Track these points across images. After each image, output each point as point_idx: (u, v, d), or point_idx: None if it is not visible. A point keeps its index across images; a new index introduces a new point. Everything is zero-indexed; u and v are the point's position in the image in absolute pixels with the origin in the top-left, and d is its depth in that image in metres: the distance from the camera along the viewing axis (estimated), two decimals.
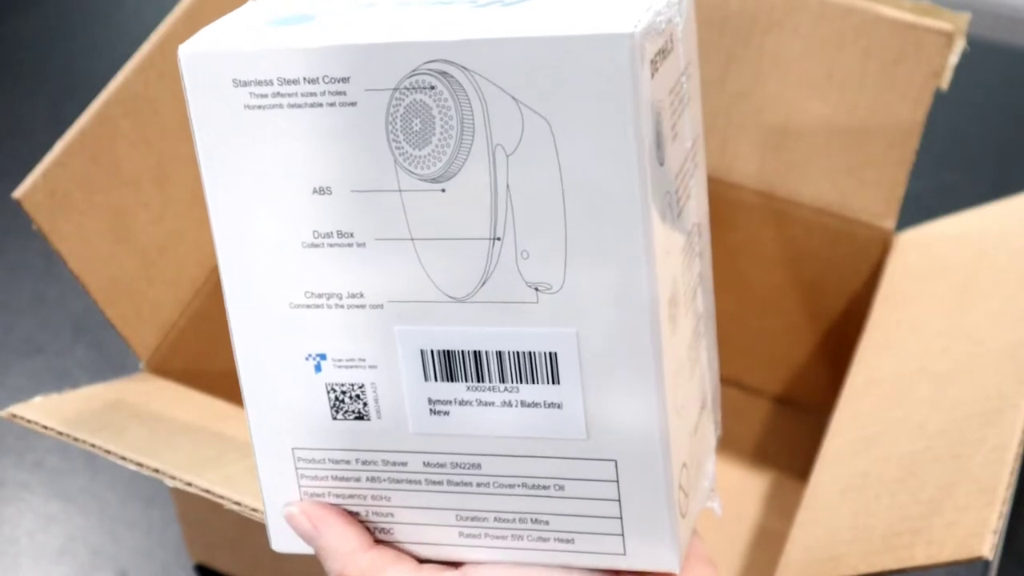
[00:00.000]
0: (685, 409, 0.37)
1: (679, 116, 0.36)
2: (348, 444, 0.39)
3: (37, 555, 0.66)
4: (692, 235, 0.38)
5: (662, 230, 0.34)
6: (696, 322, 0.39)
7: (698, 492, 0.39)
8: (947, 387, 0.52)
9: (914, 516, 0.46)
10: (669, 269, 0.35)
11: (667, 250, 0.35)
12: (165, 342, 0.58)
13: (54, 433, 0.48)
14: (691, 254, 0.38)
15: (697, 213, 0.39)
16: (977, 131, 0.88)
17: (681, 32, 0.36)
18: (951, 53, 0.59)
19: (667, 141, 0.35)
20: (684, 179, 0.37)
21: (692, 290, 0.38)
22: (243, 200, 0.37)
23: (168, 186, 0.58)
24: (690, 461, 0.38)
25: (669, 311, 0.35)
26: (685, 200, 0.37)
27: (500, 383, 0.36)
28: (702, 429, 0.40)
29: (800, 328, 0.69)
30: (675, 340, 0.36)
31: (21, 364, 0.74)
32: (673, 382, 0.36)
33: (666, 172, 0.35)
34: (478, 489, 0.38)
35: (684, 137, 0.37)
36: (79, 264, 0.54)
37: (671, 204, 0.35)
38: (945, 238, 0.62)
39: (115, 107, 0.55)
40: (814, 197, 0.63)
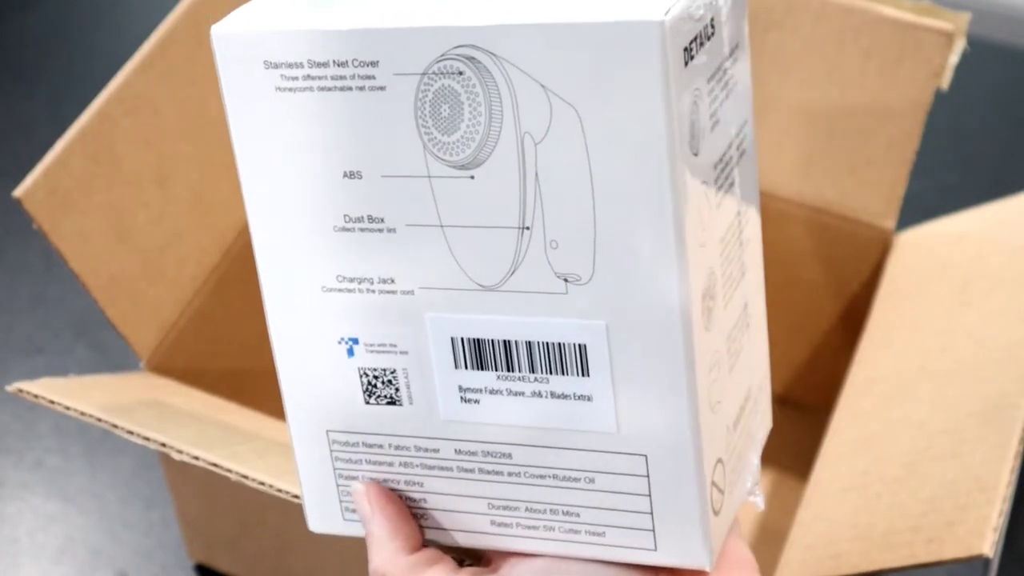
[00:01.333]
0: (722, 404, 0.37)
1: (720, 103, 0.35)
2: (381, 429, 0.39)
3: (37, 555, 0.66)
4: (734, 224, 0.37)
5: (696, 222, 0.34)
6: (740, 313, 0.38)
7: (738, 487, 0.39)
8: (947, 386, 0.52)
9: (914, 514, 0.46)
10: (705, 262, 0.35)
11: (702, 242, 0.34)
12: (165, 341, 0.58)
13: (60, 408, 0.48)
14: (733, 243, 0.37)
15: (741, 200, 0.38)
16: (977, 131, 0.88)
17: (726, 15, 0.35)
18: (951, 53, 0.59)
19: (704, 131, 0.34)
20: (726, 168, 0.36)
21: (733, 281, 0.37)
22: (276, 182, 0.37)
23: (168, 186, 0.58)
24: (728, 456, 0.37)
25: (704, 304, 0.35)
26: (727, 189, 0.36)
27: (530, 373, 0.36)
28: (745, 423, 0.39)
29: (800, 328, 0.69)
30: (710, 335, 0.35)
31: (21, 364, 0.74)
32: (707, 377, 0.35)
33: (702, 162, 0.34)
34: (509, 479, 0.38)
35: (727, 123, 0.36)
36: (79, 263, 0.54)
37: (708, 195, 0.35)
38: (945, 238, 0.62)
39: (115, 107, 0.55)
40: (814, 197, 0.63)
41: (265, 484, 0.45)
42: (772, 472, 0.70)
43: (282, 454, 0.50)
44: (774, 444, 0.71)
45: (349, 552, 0.55)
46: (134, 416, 0.49)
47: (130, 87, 0.56)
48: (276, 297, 0.38)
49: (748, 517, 0.68)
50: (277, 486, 0.45)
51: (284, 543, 0.58)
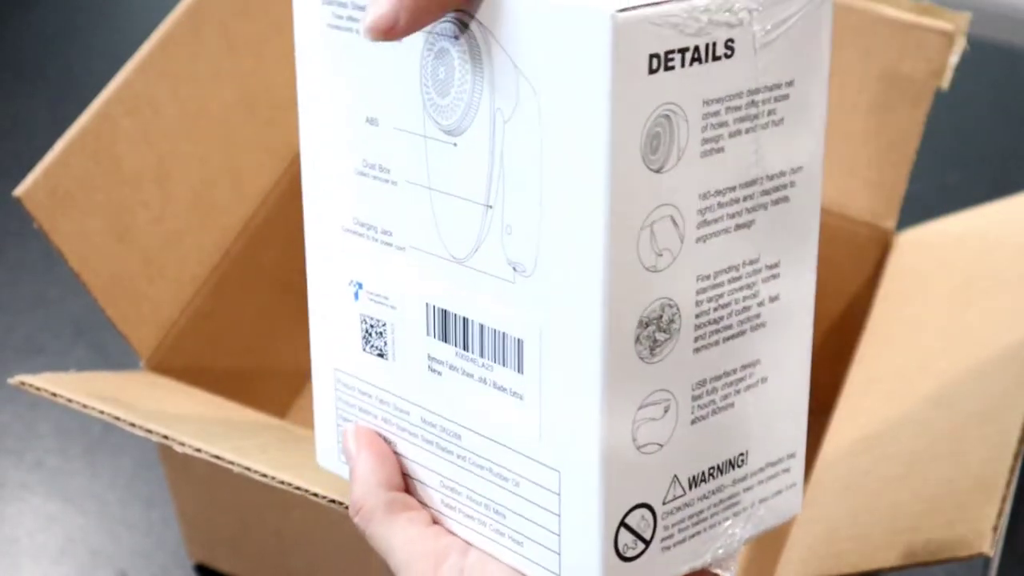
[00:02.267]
0: (666, 451, 0.34)
1: (737, 134, 0.33)
2: (371, 379, 0.39)
3: (37, 555, 0.66)
4: (742, 269, 0.34)
5: (646, 242, 0.32)
6: (737, 368, 0.35)
7: (686, 548, 0.35)
8: (947, 386, 0.52)
9: (915, 514, 0.46)
10: (655, 288, 0.33)
11: (653, 266, 0.33)
12: (165, 341, 0.58)
13: (63, 400, 0.48)
14: (736, 290, 0.34)
15: (766, 248, 0.35)
16: (977, 131, 0.88)
17: (757, 40, 0.33)
18: (951, 53, 0.59)
19: (681, 151, 0.32)
20: (733, 204, 0.34)
21: (727, 329, 0.34)
22: (319, 118, 0.37)
23: (168, 185, 0.58)
24: (664, 508, 0.35)
25: (642, 332, 0.33)
26: (733, 227, 0.34)
27: (480, 357, 0.35)
28: (724, 488, 0.36)
29: None
30: (651, 368, 0.33)
31: (21, 364, 0.74)
32: (631, 411, 0.33)
33: (672, 184, 0.32)
34: (458, 461, 0.37)
35: (744, 158, 0.33)
36: (79, 263, 0.54)
37: (679, 219, 0.33)
38: (945, 238, 0.62)
39: (116, 106, 0.55)
40: None
41: (268, 476, 0.45)
42: None
43: (283, 449, 0.50)
44: None
45: (349, 552, 0.55)
46: (136, 410, 0.49)
47: (130, 87, 0.56)
48: (311, 231, 0.39)
49: None
50: (280, 478, 0.45)
51: (284, 543, 0.58)
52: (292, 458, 0.48)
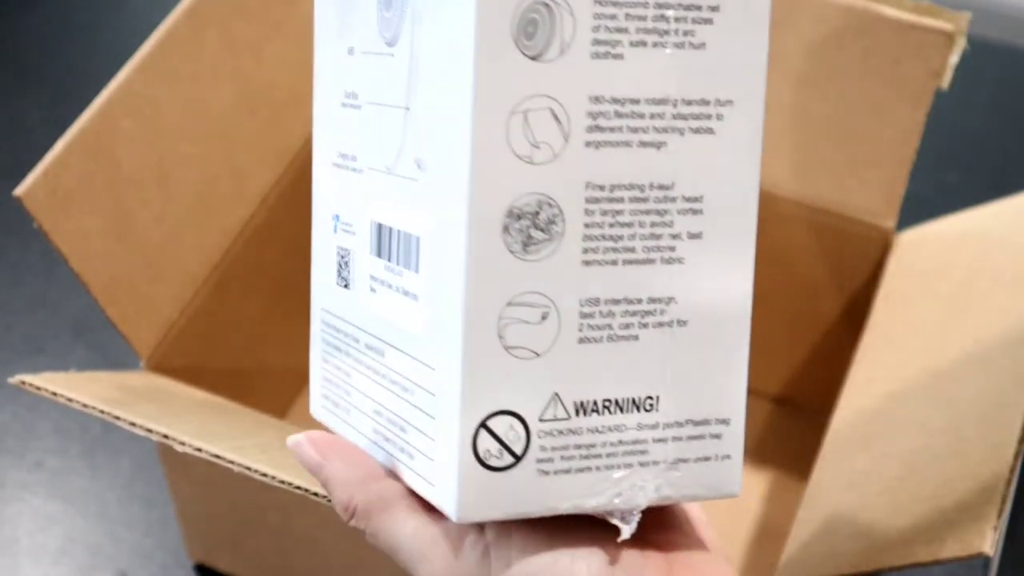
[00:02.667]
0: (545, 360, 0.33)
1: (634, 42, 0.33)
2: (340, 311, 0.38)
3: (37, 555, 0.66)
4: (643, 184, 0.34)
5: (518, 133, 0.32)
6: (645, 300, 0.34)
7: (575, 479, 0.34)
8: (947, 386, 0.52)
9: (915, 514, 0.46)
10: (528, 182, 0.32)
11: (528, 157, 0.32)
12: (165, 341, 0.58)
13: (63, 399, 0.48)
14: (638, 205, 0.34)
15: (683, 177, 0.34)
16: (977, 131, 0.88)
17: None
18: (951, 53, 0.59)
19: (560, 42, 0.32)
20: (632, 117, 0.33)
21: (620, 241, 0.34)
22: (319, 54, 0.38)
23: (169, 185, 0.58)
24: (539, 425, 0.33)
25: (513, 223, 0.32)
26: (623, 137, 0.33)
27: (396, 265, 0.35)
28: (626, 428, 0.34)
29: (800, 328, 0.69)
30: (526, 267, 0.33)
31: (21, 364, 0.74)
32: (505, 309, 0.33)
33: (544, 73, 0.32)
34: (381, 380, 0.36)
35: (647, 72, 0.33)
36: (80, 263, 0.54)
37: (559, 116, 0.32)
38: (945, 238, 0.62)
39: (116, 106, 0.55)
40: (814, 197, 0.63)
41: (268, 476, 0.45)
42: (771, 472, 0.70)
43: (284, 449, 0.50)
44: (774, 444, 0.71)
45: (349, 552, 0.55)
46: (136, 409, 0.49)
47: (130, 87, 0.56)
48: (315, 169, 0.40)
49: (748, 517, 0.68)
50: (280, 477, 0.45)
51: (284, 543, 0.58)
52: (292, 458, 0.48)
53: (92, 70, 0.87)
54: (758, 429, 0.72)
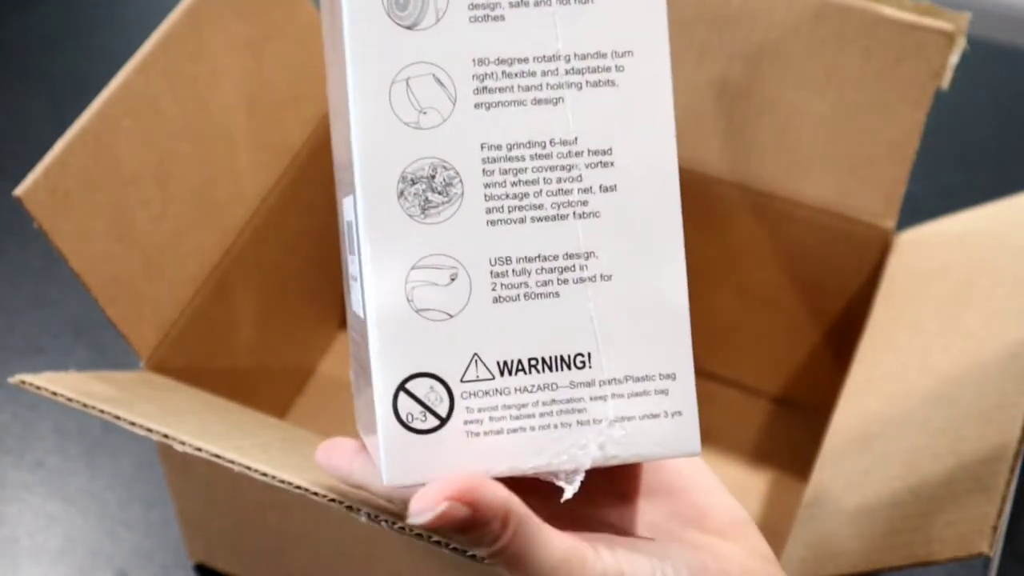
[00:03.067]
0: (459, 321, 0.33)
1: (514, 3, 0.33)
2: (350, 311, 0.39)
3: (37, 555, 0.66)
4: (543, 141, 0.34)
5: (402, 100, 0.33)
6: (561, 257, 0.34)
7: (507, 443, 0.34)
8: (947, 386, 0.52)
9: (915, 514, 0.46)
10: (415, 145, 0.33)
11: (415, 123, 0.33)
12: (165, 341, 0.58)
13: (63, 399, 0.48)
14: (541, 161, 0.34)
15: (586, 131, 0.34)
16: (977, 131, 0.88)
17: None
18: (951, 53, 0.59)
19: (435, 10, 0.33)
20: (522, 76, 0.34)
21: (526, 199, 0.34)
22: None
23: (169, 185, 0.58)
24: (461, 386, 0.33)
25: (409, 188, 0.33)
26: (514, 96, 0.33)
27: (352, 254, 0.36)
28: (572, 390, 0.34)
29: (800, 328, 0.69)
30: (427, 230, 0.33)
31: (21, 364, 0.74)
32: (410, 272, 0.33)
33: (422, 41, 0.33)
34: (357, 368, 0.38)
35: (532, 31, 0.33)
36: (79, 263, 0.54)
37: (443, 81, 0.33)
38: (945, 238, 0.62)
39: (116, 106, 0.55)
40: (814, 197, 0.63)
41: (268, 476, 0.45)
42: (771, 472, 0.70)
43: (284, 449, 0.50)
44: (774, 444, 0.71)
45: (349, 552, 0.55)
46: (136, 409, 0.49)
47: (130, 87, 0.56)
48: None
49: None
50: (280, 477, 0.45)
51: (284, 543, 0.58)
52: (292, 458, 0.48)
53: (92, 70, 0.87)
54: (758, 429, 0.72)
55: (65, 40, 0.94)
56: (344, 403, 0.73)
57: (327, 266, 0.73)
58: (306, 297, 0.72)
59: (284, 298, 0.69)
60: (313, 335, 0.74)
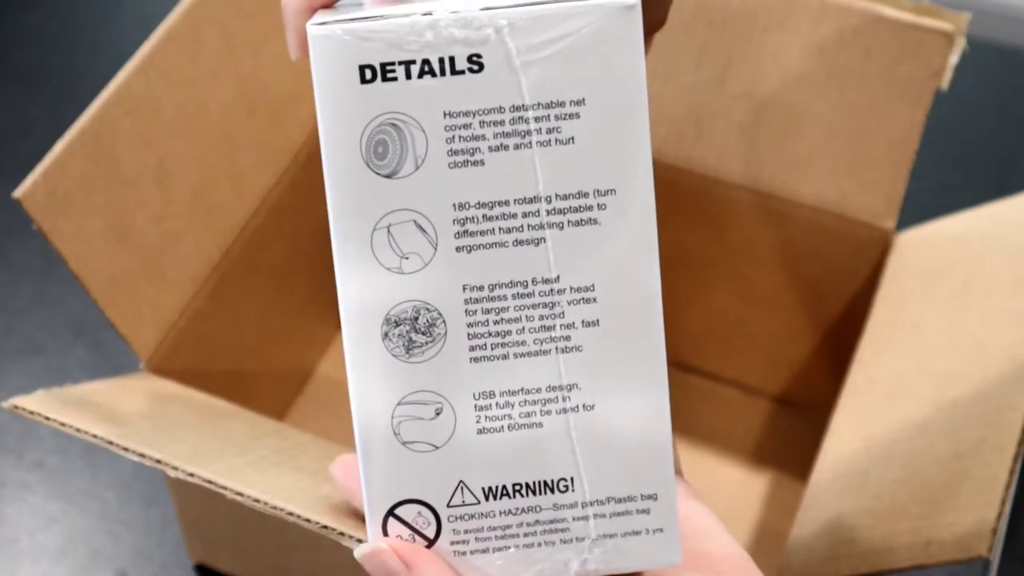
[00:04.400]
0: (443, 453, 0.35)
1: (494, 147, 0.33)
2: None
3: (37, 555, 0.66)
4: (531, 285, 0.34)
5: (383, 247, 0.34)
6: (544, 390, 0.35)
7: (491, 561, 0.35)
8: (947, 387, 0.52)
9: (914, 516, 0.46)
10: (398, 289, 0.34)
11: (397, 268, 0.34)
12: (165, 342, 0.58)
13: (56, 424, 0.48)
14: (523, 300, 0.34)
15: (570, 269, 0.34)
16: (977, 131, 0.88)
17: (516, 57, 0.33)
18: (951, 53, 0.59)
19: (414, 158, 0.33)
20: (510, 219, 0.34)
21: (508, 336, 0.34)
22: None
23: (168, 186, 0.58)
24: (449, 511, 0.35)
25: (392, 329, 0.34)
26: (510, 242, 0.34)
27: None
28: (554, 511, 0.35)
29: (800, 328, 0.69)
30: (411, 368, 0.34)
31: (21, 364, 0.74)
32: (396, 409, 0.34)
33: (401, 189, 0.33)
34: None
35: (513, 174, 0.34)
36: (79, 264, 0.54)
37: (424, 227, 0.34)
38: (945, 238, 0.62)
39: (115, 107, 0.55)
40: (814, 197, 0.63)
41: (260, 502, 0.45)
42: (771, 473, 0.70)
43: (279, 464, 0.50)
44: (774, 444, 0.71)
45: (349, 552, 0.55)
46: (130, 429, 0.49)
47: (130, 87, 0.56)
48: None
49: (748, 517, 0.68)
50: (273, 503, 0.45)
51: (284, 543, 0.58)
52: (287, 476, 0.48)
53: (92, 70, 0.87)
54: (758, 429, 0.72)
55: (65, 40, 0.94)
56: (343, 403, 0.73)
57: (327, 266, 0.73)
58: (306, 297, 0.72)
59: (284, 298, 0.69)
60: (313, 335, 0.74)
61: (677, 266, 0.68)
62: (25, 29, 0.94)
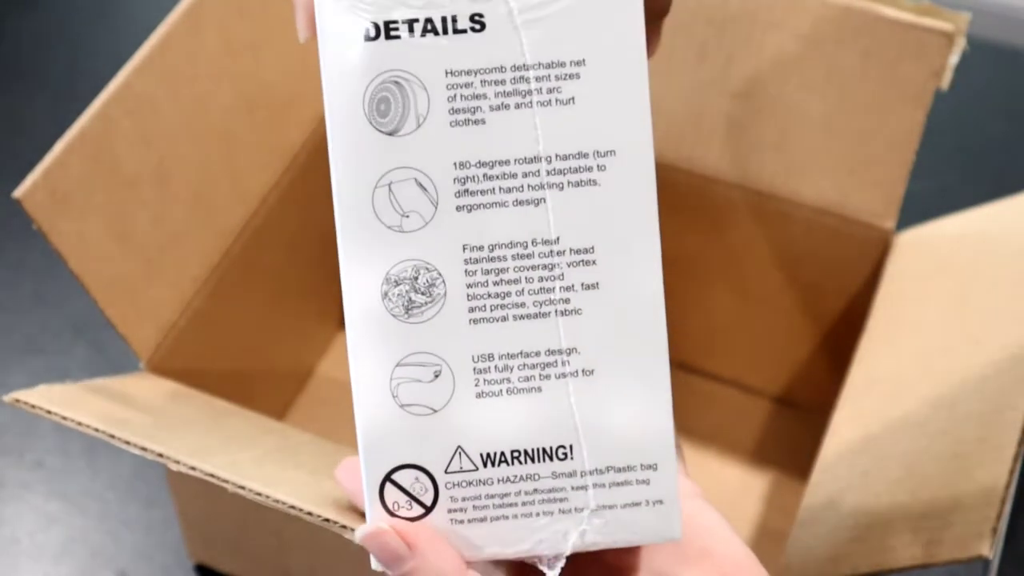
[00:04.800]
0: (442, 416, 0.34)
1: (495, 106, 0.34)
2: None
3: (37, 555, 0.66)
4: (529, 246, 0.34)
5: (384, 204, 0.34)
6: (543, 352, 0.35)
7: (490, 530, 0.35)
8: (947, 387, 0.52)
9: (914, 516, 0.46)
10: (398, 248, 0.34)
11: (398, 226, 0.34)
12: (165, 342, 0.58)
13: (57, 418, 0.48)
14: (525, 268, 0.34)
15: (567, 227, 0.34)
16: (977, 131, 0.88)
17: (517, 17, 0.33)
18: (951, 53, 0.59)
19: (416, 116, 0.33)
20: (510, 178, 0.34)
21: (508, 298, 0.34)
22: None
23: (168, 186, 0.58)
24: (446, 477, 0.35)
25: (393, 289, 0.34)
26: (510, 201, 0.34)
27: None
28: (553, 480, 0.35)
29: (800, 328, 0.69)
30: (410, 329, 0.34)
31: (21, 364, 0.74)
32: (395, 370, 0.34)
33: (403, 146, 0.33)
34: None
35: (514, 134, 0.34)
36: (79, 264, 0.54)
37: (425, 185, 0.34)
38: (945, 238, 0.62)
39: (115, 107, 0.55)
40: (814, 197, 0.63)
41: (262, 495, 0.45)
42: (772, 473, 0.70)
43: (280, 461, 0.50)
44: (774, 444, 0.71)
45: (349, 552, 0.55)
46: (132, 424, 0.49)
47: (130, 87, 0.56)
48: None
49: (748, 517, 0.68)
50: (275, 496, 0.45)
51: (284, 543, 0.58)
52: (288, 471, 0.48)
53: (92, 70, 0.87)
54: (758, 429, 0.72)
55: (65, 40, 0.94)
56: (344, 403, 0.73)
57: (327, 266, 0.73)
58: (306, 297, 0.72)
59: (284, 298, 0.69)
60: (313, 335, 0.74)
61: (677, 266, 0.68)
62: (25, 29, 0.94)
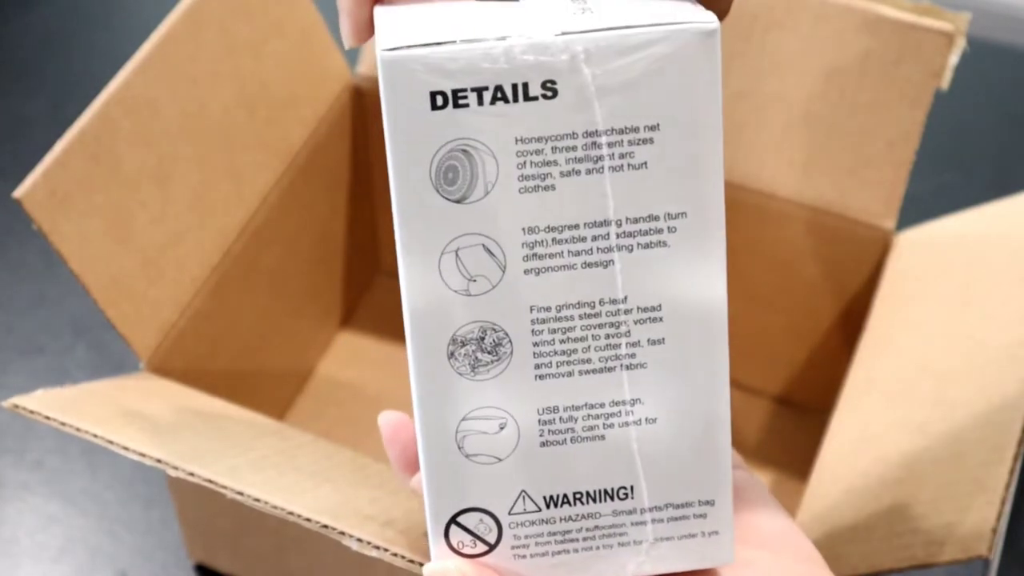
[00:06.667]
0: (512, 464, 0.35)
1: (566, 172, 0.33)
2: None
3: (37, 555, 0.66)
4: (597, 307, 0.34)
5: (451, 270, 0.33)
6: (599, 415, 0.35)
7: (552, 563, 0.36)
8: (947, 387, 0.52)
9: (914, 516, 0.46)
10: (464, 310, 0.34)
11: (464, 290, 0.34)
12: (165, 342, 0.58)
13: (56, 424, 0.48)
14: (592, 327, 0.34)
15: (635, 291, 0.34)
16: (977, 131, 0.88)
17: (591, 83, 0.32)
18: (951, 53, 0.59)
19: (484, 183, 0.33)
20: (579, 242, 0.34)
21: (574, 355, 0.35)
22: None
23: (168, 186, 0.58)
24: (510, 519, 0.36)
25: (457, 349, 0.34)
26: (580, 264, 0.34)
27: None
28: (614, 518, 0.36)
29: (800, 328, 0.69)
30: (476, 386, 0.35)
31: (21, 364, 0.74)
32: (460, 424, 0.35)
33: (471, 213, 0.33)
34: None
35: (584, 198, 0.33)
36: (79, 264, 0.54)
37: (493, 250, 0.34)
38: (945, 238, 0.62)
39: (115, 107, 0.55)
40: (814, 197, 0.63)
41: (261, 501, 0.45)
42: (772, 472, 0.70)
43: (279, 464, 0.50)
44: (774, 444, 0.71)
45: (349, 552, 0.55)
46: (130, 430, 0.49)
47: (130, 87, 0.56)
48: None
49: None
50: (272, 503, 0.45)
51: (283, 543, 0.58)
52: (288, 476, 0.48)
53: (92, 70, 0.87)
54: (758, 429, 0.72)
55: (65, 40, 0.94)
56: (344, 403, 0.73)
57: (327, 266, 0.73)
58: (306, 297, 0.72)
59: (284, 298, 0.69)
60: (313, 335, 0.74)
61: None
62: (25, 29, 0.94)
